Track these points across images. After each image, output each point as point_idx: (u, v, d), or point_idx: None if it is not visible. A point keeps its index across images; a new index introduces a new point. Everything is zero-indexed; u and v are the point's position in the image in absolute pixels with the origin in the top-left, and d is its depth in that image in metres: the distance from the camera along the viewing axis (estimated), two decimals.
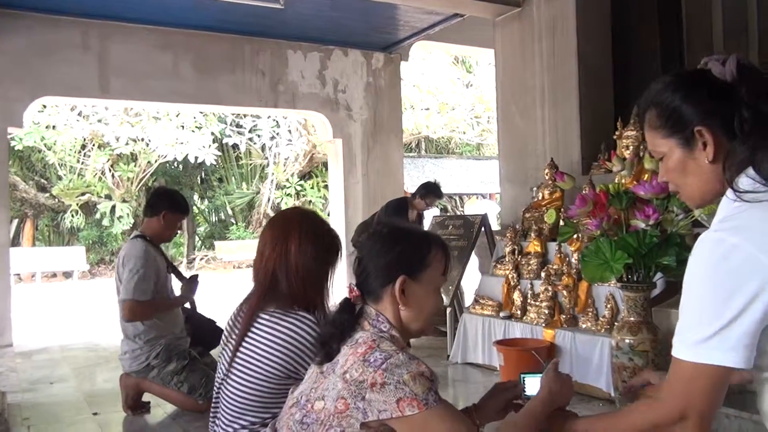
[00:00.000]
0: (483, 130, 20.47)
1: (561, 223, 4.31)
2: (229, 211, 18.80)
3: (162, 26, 7.02)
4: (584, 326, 3.94)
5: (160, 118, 15.00)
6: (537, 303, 4.28)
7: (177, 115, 15.05)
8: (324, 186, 16.67)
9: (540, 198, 4.88)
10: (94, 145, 15.65)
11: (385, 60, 8.39)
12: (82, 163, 15.91)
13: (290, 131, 16.58)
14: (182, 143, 15.21)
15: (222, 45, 7.37)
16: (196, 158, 15.44)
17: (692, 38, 5.23)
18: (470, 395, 4.00)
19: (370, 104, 8.30)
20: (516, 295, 4.48)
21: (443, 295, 5.46)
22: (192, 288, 3.92)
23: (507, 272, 4.63)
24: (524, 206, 5.08)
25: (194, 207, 18.06)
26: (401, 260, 1.51)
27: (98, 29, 6.76)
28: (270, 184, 17.35)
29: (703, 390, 1.13)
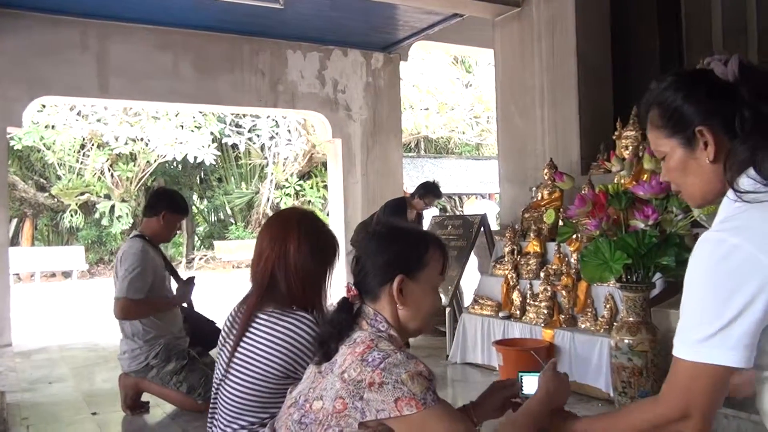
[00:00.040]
0: (482, 130, 20.48)
1: (560, 223, 4.31)
2: (229, 211, 18.80)
3: (161, 26, 7.02)
4: (583, 326, 3.93)
5: (160, 118, 14.99)
6: (536, 303, 4.28)
7: (176, 115, 15.05)
8: (323, 186, 16.67)
9: (539, 198, 4.88)
10: (94, 145, 15.65)
11: (385, 60, 8.39)
12: (81, 163, 15.91)
13: (289, 131, 16.58)
14: (181, 143, 15.21)
15: (221, 45, 7.37)
16: (196, 158, 15.44)
17: (691, 38, 5.23)
18: (469, 395, 3.99)
19: (370, 104, 8.29)
20: (515, 295, 4.48)
21: (442, 295, 5.45)
22: (188, 290, 3.91)
23: (506, 272, 4.63)
24: (523, 206, 5.08)
25: (193, 207, 18.05)
26: (399, 259, 1.51)
27: (97, 29, 6.75)
28: (269, 184, 17.35)
29: (704, 389, 1.13)
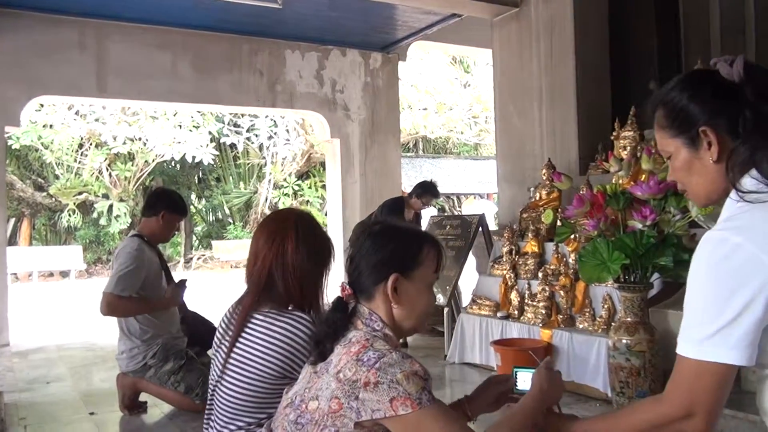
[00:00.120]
0: (481, 130, 20.48)
1: (558, 224, 4.30)
2: (227, 211, 18.79)
3: (160, 26, 7.02)
4: (581, 326, 3.94)
5: (158, 118, 14.97)
6: (534, 303, 4.28)
7: (174, 115, 15.03)
8: (322, 186, 16.66)
9: (537, 198, 4.88)
10: (92, 144, 15.63)
11: (383, 60, 8.39)
12: (80, 162, 15.89)
13: (288, 131, 16.56)
14: (180, 142, 15.19)
15: (220, 45, 7.37)
16: (194, 158, 15.42)
17: (690, 38, 5.23)
18: None
19: (368, 104, 8.29)
20: (513, 295, 4.48)
21: (440, 295, 5.41)
22: (179, 292, 3.87)
23: (504, 272, 4.63)
24: (522, 206, 5.08)
25: (191, 206, 18.02)
26: (393, 258, 1.51)
27: (96, 28, 6.75)
28: (267, 184, 17.33)
29: (708, 387, 1.14)
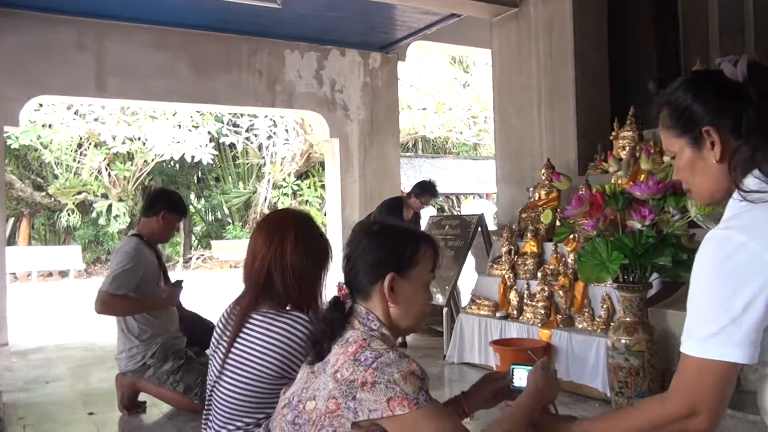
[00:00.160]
0: (480, 130, 20.48)
1: (557, 224, 4.30)
2: (226, 211, 18.78)
3: (159, 25, 7.01)
4: (580, 326, 3.94)
5: (157, 117, 14.96)
6: (533, 303, 4.28)
7: (174, 114, 15.02)
8: (321, 186, 16.65)
9: (536, 198, 4.89)
10: (91, 144, 15.62)
11: (382, 60, 8.39)
12: (79, 162, 15.87)
13: (287, 131, 16.56)
14: (179, 142, 15.17)
15: (219, 44, 7.37)
16: (193, 157, 15.41)
17: (688, 38, 5.23)
18: None
19: (367, 104, 8.29)
20: (512, 295, 4.48)
21: (439, 295, 5.40)
22: (175, 292, 3.87)
23: (503, 272, 4.64)
24: (521, 206, 5.09)
25: (191, 206, 18.01)
26: (390, 257, 1.51)
27: (95, 28, 6.74)
28: (267, 184, 17.32)
29: (712, 385, 1.14)
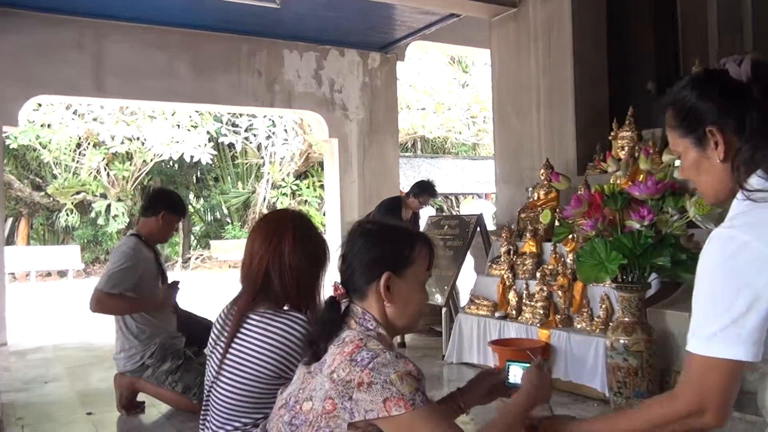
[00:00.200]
0: (479, 130, 20.49)
1: (556, 224, 4.31)
2: (225, 211, 18.78)
3: (158, 25, 7.01)
4: (579, 326, 3.94)
5: (156, 117, 14.96)
6: (532, 303, 4.28)
7: (173, 114, 15.01)
8: (320, 186, 16.65)
9: (535, 198, 4.89)
10: (90, 144, 15.61)
11: (382, 60, 8.39)
12: (78, 162, 15.86)
13: (286, 131, 16.56)
14: (178, 142, 15.17)
15: (218, 44, 7.36)
16: (192, 157, 15.41)
17: (687, 37, 5.23)
18: None
19: (366, 104, 8.29)
20: (511, 295, 4.48)
21: (438, 295, 5.40)
22: (171, 293, 3.87)
23: (502, 272, 4.63)
24: (520, 206, 5.08)
25: (190, 206, 18.01)
26: (385, 257, 1.52)
27: (94, 28, 6.74)
28: (266, 184, 17.32)
29: (717, 383, 1.15)
